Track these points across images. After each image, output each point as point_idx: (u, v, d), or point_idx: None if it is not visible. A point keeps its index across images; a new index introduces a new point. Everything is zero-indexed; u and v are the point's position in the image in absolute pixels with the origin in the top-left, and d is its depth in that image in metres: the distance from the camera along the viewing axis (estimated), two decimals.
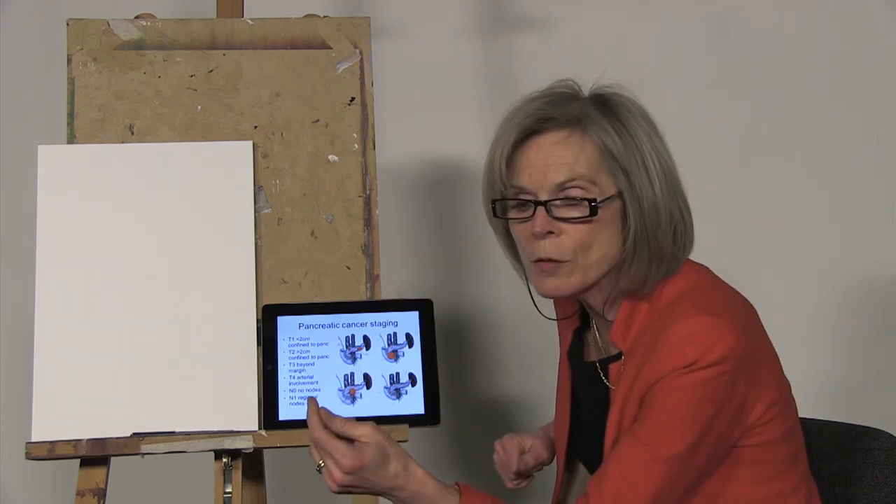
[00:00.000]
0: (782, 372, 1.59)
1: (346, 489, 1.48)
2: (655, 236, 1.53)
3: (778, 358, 1.59)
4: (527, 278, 1.63)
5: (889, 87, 2.58)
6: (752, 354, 1.50)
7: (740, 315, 1.53)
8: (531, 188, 1.55)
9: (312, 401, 1.48)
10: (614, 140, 1.52)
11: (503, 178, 1.57)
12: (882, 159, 2.59)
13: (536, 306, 1.67)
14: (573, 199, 1.53)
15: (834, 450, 1.79)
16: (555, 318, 1.76)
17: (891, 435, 1.77)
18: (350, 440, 1.46)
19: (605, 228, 1.54)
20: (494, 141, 1.59)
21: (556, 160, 1.53)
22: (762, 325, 1.58)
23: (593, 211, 1.52)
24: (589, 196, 1.52)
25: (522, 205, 1.56)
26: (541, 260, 1.55)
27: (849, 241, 2.59)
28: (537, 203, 1.53)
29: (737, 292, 1.59)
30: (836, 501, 1.75)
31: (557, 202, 1.53)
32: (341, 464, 1.44)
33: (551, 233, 1.53)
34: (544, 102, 1.56)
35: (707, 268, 1.62)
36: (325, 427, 1.46)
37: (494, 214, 1.60)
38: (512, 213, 1.58)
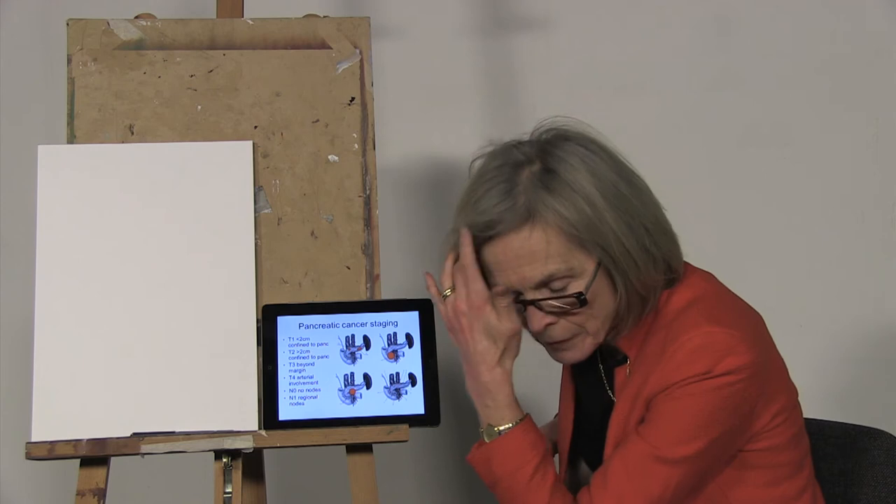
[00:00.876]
0: (790, 378, 1.60)
1: (453, 324, 1.56)
2: (642, 281, 1.52)
3: (785, 365, 1.59)
4: None
5: (889, 87, 2.58)
6: (763, 365, 1.50)
7: (750, 325, 1.54)
8: (513, 287, 1.54)
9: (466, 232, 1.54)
10: (573, 219, 1.49)
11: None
12: (882, 159, 2.59)
13: None
14: (558, 291, 1.52)
15: (834, 450, 1.79)
16: None
17: (891, 435, 1.77)
18: None
19: (597, 299, 1.53)
20: (451, 233, 1.58)
21: (526, 260, 1.51)
22: (769, 334, 1.58)
23: (583, 302, 1.52)
24: (573, 292, 1.51)
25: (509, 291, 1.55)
26: (548, 342, 1.58)
27: (849, 241, 2.59)
28: (526, 302, 1.54)
29: (744, 302, 1.59)
30: (837, 501, 1.75)
31: (545, 297, 1.53)
32: (472, 295, 1.53)
33: (550, 323, 1.54)
34: (490, 204, 1.51)
35: (713, 276, 1.62)
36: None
37: None
38: (500, 297, 1.56)
